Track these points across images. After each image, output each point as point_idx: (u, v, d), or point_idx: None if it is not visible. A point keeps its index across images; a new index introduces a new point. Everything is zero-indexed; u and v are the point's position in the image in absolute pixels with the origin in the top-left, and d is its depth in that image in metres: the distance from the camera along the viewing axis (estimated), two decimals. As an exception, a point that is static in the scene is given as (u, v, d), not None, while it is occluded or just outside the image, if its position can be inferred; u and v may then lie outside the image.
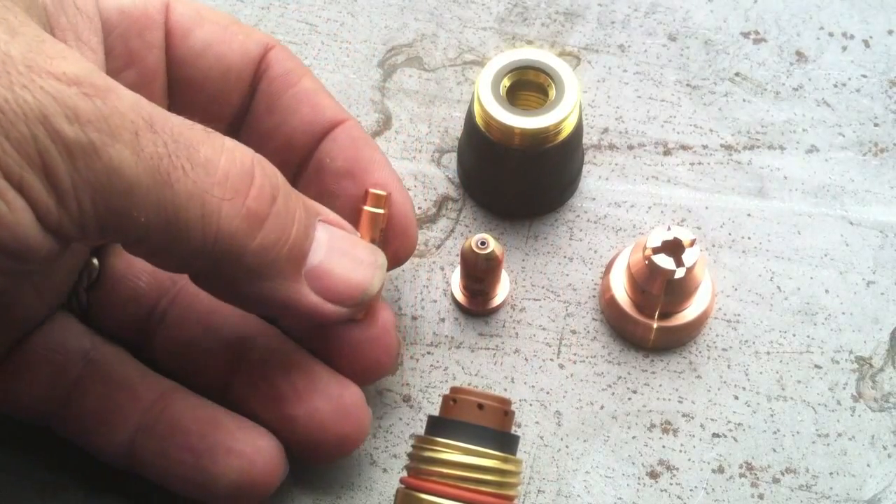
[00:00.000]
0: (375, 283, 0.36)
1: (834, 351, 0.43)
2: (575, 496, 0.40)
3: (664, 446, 0.41)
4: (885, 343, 0.43)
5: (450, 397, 0.34)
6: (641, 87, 0.48)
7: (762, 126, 0.47)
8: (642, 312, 0.42)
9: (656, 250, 0.39)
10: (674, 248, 0.39)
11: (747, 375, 0.42)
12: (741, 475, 0.41)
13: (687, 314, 0.42)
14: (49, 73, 0.27)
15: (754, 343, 0.43)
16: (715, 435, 0.41)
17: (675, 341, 0.43)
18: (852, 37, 0.49)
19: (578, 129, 0.43)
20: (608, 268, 0.43)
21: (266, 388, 0.37)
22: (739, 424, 0.41)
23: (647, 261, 0.39)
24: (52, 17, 0.32)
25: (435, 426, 0.34)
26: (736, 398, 0.42)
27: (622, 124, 0.47)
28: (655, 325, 0.42)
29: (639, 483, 0.40)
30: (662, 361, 0.43)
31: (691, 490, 0.40)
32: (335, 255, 0.35)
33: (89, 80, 0.28)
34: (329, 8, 0.50)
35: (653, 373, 0.42)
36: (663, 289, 0.40)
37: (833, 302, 0.43)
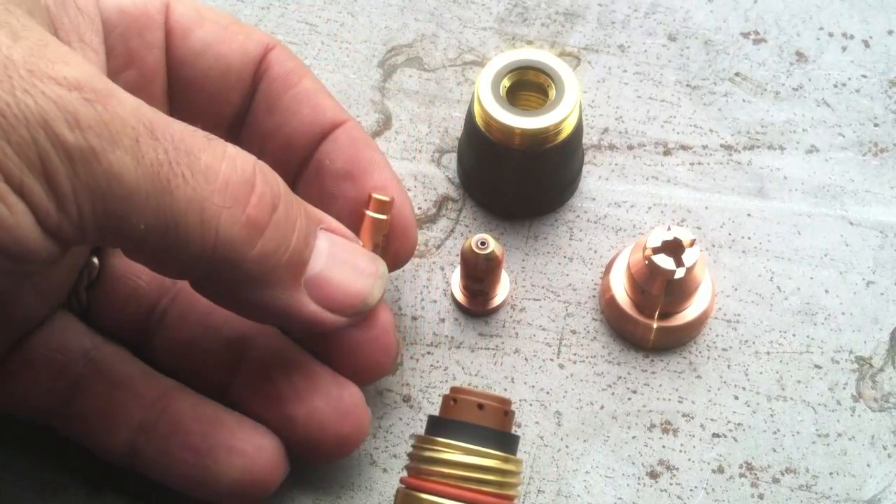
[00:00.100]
0: (375, 293, 0.36)
1: (834, 351, 0.43)
2: (575, 496, 0.40)
3: (664, 446, 0.41)
4: (885, 343, 0.43)
5: (450, 397, 0.34)
6: (641, 88, 0.48)
7: (762, 126, 0.47)
8: (642, 312, 0.42)
9: (656, 250, 0.39)
10: (674, 248, 0.39)
11: (747, 375, 0.42)
12: (741, 475, 0.41)
13: (687, 314, 0.42)
14: (51, 78, 0.27)
15: (754, 343, 0.43)
16: (715, 435, 0.41)
17: (675, 341, 0.43)
18: (852, 37, 0.49)
19: (578, 130, 0.43)
20: (608, 268, 0.43)
21: (266, 388, 0.38)
22: (739, 424, 0.41)
23: (647, 261, 0.39)
24: (55, 18, 0.32)
25: (435, 426, 0.34)
26: (736, 398, 0.42)
27: (622, 124, 0.47)
28: (655, 325, 0.42)
29: (639, 483, 0.41)
30: (662, 361, 0.43)
31: (691, 490, 0.40)
32: (335, 264, 0.35)
33: (90, 85, 0.28)
34: (329, 8, 0.50)
35: (653, 373, 0.42)
36: (663, 289, 0.40)
37: (833, 302, 0.43)
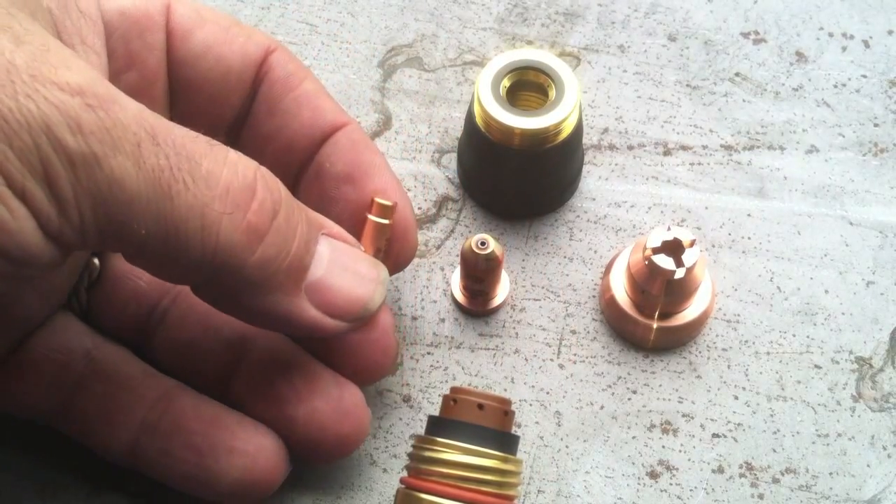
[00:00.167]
0: (376, 299, 0.36)
1: (834, 351, 0.43)
2: (575, 496, 0.40)
3: (664, 446, 0.41)
4: (885, 343, 0.43)
5: (450, 397, 0.34)
6: (641, 88, 0.48)
7: (762, 126, 0.47)
8: (642, 312, 0.42)
9: (656, 250, 0.39)
10: (674, 249, 0.39)
11: (747, 375, 0.42)
12: (741, 475, 0.41)
13: (687, 314, 0.42)
14: (53, 83, 0.27)
15: (754, 343, 0.43)
16: (715, 435, 0.41)
17: (675, 341, 0.43)
18: (852, 37, 0.49)
19: (578, 130, 0.43)
20: (608, 268, 0.43)
21: (266, 389, 0.38)
22: (739, 424, 0.41)
23: (647, 261, 0.39)
24: (58, 21, 0.32)
25: (435, 426, 0.34)
26: (736, 398, 0.42)
27: (622, 124, 0.47)
28: (655, 326, 0.42)
29: (639, 483, 0.41)
30: (662, 361, 0.43)
31: (691, 490, 0.40)
32: (336, 270, 0.35)
33: (92, 90, 0.28)
34: (329, 8, 0.50)
35: (653, 373, 0.42)
36: (663, 289, 0.40)
37: (833, 302, 0.43)
